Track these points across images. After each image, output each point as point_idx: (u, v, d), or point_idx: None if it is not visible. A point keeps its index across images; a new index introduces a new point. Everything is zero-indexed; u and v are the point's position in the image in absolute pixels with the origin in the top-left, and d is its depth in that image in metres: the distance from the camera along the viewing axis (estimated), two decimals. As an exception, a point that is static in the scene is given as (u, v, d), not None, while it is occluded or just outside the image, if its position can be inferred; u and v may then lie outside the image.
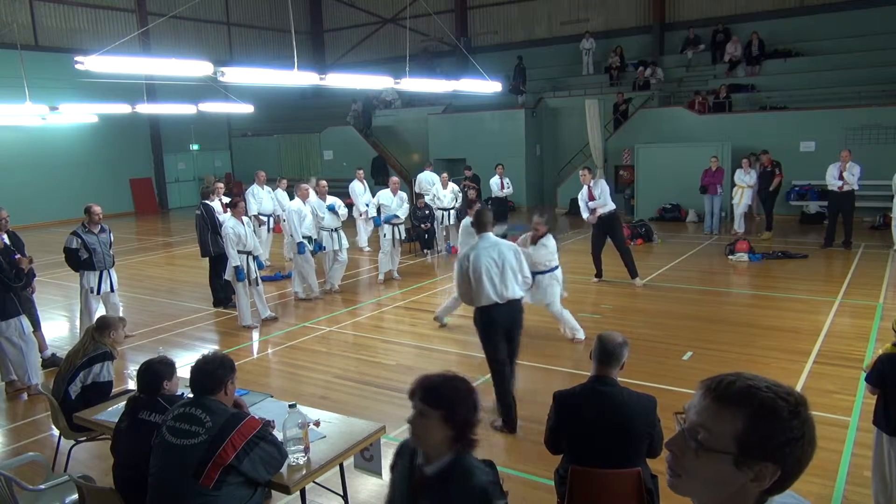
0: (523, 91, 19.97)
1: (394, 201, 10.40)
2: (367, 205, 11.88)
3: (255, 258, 8.20)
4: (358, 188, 12.68)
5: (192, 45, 22.48)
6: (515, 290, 4.93)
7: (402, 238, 10.55)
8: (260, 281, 8.35)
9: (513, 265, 4.90)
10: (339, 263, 9.74)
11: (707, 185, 13.36)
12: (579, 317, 8.04)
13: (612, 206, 9.29)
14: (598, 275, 9.63)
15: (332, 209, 9.40)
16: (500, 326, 4.95)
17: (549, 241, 7.06)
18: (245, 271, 7.99)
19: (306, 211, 9.19)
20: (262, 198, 11.47)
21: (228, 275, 8.11)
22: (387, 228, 10.24)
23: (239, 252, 7.97)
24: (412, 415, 2.14)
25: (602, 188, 9.29)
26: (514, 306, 4.98)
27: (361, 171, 12.98)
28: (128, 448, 3.32)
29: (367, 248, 12.64)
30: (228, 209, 8.43)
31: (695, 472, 1.21)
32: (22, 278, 6.20)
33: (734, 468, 1.17)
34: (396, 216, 10.30)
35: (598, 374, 3.22)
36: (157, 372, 3.46)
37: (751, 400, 1.17)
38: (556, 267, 7.18)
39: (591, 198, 9.34)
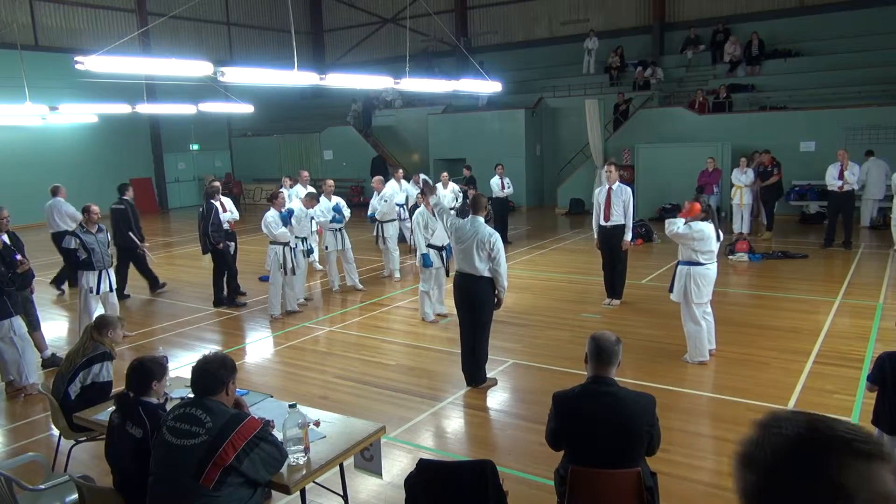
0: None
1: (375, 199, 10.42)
2: (401, 205, 11.66)
3: (294, 248, 8.59)
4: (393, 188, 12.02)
5: (192, 45, 22.48)
6: (475, 267, 5.60)
7: (381, 235, 10.33)
8: (296, 272, 8.64)
9: (480, 243, 5.54)
10: (349, 265, 9.76)
11: (703, 185, 13.40)
12: (580, 317, 8.06)
13: (627, 221, 8.12)
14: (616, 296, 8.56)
15: (337, 209, 9.48)
16: (457, 292, 5.85)
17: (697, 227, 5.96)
18: (282, 261, 8.35)
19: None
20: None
21: (268, 265, 8.45)
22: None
23: (275, 244, 8.35)
24: None
25: (626, 196, 8.06)
26: (469, 280, 5.69)
27: (401, 172, 12.15)
28: (121, 456, 3.31)
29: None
30: (271, 201, 8.62)
31: None
32: (16, 281, 6.19)
33: None
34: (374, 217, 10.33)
35: (596, 375, 3.21)
36: (148, 370, 3.42)
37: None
38: (700, 263, 5.99)
39: (609, 203, 8.09)
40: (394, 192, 11.99)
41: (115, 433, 3.36)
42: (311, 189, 10.51)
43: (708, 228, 5.95)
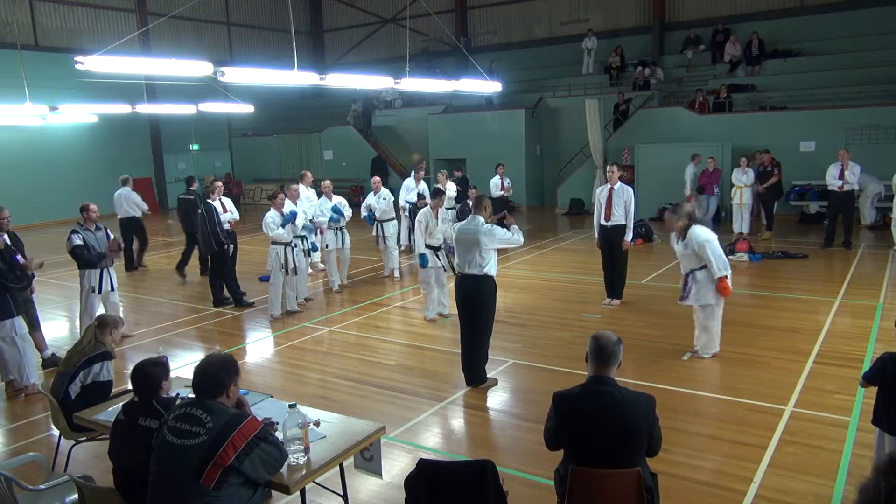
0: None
1: (376, 200, 10.42)
2: (411, 203, 11.80)
3: (295, 247, 8.58)
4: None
5: (192, 45, 22.48)
6: (476, 266, 5.69)
7: (381, 235, 10.35)
8: (298, 271, 8.65)
9: (477, 245, 5.62)
10: (343, 263, 9.92)
11: (704, 186, 13.40)
12: (580, 317, 8.06)
13: (628, 221, 8.10)
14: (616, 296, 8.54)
15: (336, 209, 9.53)
16: (458, 292, 5.87)
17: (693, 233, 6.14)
18: (283, 261, 8.38)
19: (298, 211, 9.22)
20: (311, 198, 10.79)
21: (269, 265, 8.49)
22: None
23: (276, 244, 8.39)
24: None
25: (628, 197, 8.05)
26: (470, 281, 5.74)
27: (422, 173, 12.32)
28: (127, 453, 3.30)
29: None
30: (272, 200, 8.62)
31: None
32: (23, 280, 6.20)
33: None
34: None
35: (596, 374, 3.21)
36: (152, 374, 3.41)
37: None
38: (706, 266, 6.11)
39: (610, 203, 8.09)
40: (408, 187, 12.03)
41: (123, 433, 3.35)
42: (312, 190, 10.53)
43: (700, 230, 6.14)
